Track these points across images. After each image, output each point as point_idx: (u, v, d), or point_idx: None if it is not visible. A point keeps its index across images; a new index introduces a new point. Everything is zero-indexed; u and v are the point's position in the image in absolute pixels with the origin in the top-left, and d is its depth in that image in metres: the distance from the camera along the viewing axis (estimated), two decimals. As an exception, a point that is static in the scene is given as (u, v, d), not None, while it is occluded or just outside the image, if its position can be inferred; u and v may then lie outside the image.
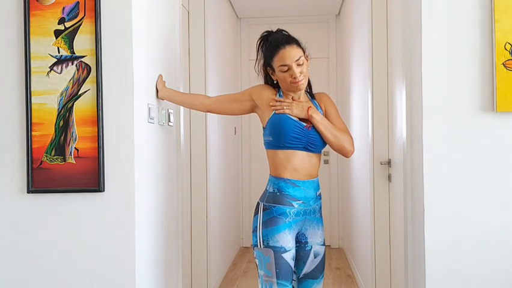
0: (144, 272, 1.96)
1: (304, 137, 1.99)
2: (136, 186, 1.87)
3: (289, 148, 1.99)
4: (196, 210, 3.58)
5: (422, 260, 1.84)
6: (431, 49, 1.82)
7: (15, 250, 1.89)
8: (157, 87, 2.13)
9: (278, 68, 2.00)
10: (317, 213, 2.08)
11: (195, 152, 3.55)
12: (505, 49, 1.77)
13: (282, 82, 2.03)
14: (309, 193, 2.02)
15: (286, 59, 1.98)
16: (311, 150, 2.01)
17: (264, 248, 1.98)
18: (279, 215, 1.98)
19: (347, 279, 4.27)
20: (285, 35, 2.06)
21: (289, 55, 1.98)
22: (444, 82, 1.82)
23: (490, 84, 1.80)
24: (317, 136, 2.02)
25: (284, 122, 1.99)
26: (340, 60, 5.34)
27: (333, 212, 5.49)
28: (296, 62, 1.98)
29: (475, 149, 1.81)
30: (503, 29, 1.77)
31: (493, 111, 1.79)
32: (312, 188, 2.04)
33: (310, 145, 2.01)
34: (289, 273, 1.99)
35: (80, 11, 1.85)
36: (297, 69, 1.98)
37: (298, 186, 2.00)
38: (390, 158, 3.14)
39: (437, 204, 1.82)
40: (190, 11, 3.54)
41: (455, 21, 1.82)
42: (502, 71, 1.77)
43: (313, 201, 2.05)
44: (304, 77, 2.01)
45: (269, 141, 2.04)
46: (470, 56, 1.81)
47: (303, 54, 2.02)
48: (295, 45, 2.01)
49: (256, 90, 2.11)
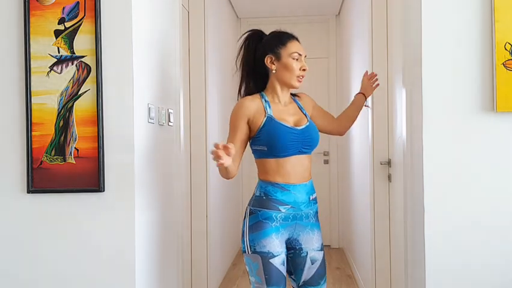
0: (144, 272, 1.96)
1: (298, 142, 1.94)
2: (136, 186, 1.87)
3: (283, 156, 1.93)
4: (196, 210, 3.58)
5: (422, 259, 1.84)
6: (431, 49, 1.82)
7: (15, 250, 1.89)
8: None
9: (291, 55, 1.98)
10: (311, 218, 2.02)
11: (194, 152, 3.55)
12: (505, 49, 1.77)
13: (286, 72, 1.98)
14: (299, 197, 1.96)
15: (301, 49, 2.01)
16: (304, 151, 1.98)
17: (251, 254, 1.93)
18: (264, 220, 1.93)
19: (347, 279, 4.27)
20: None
21: (301, 48, 2.02)
22: (444, 82, 1.82)
23: (490, 84, 1.80)
24: (312, 135, 2.00)
25: (279, 131, 1.92)
26: (340, 60, 5.34)
27: (333, 212, 5.49)
28: (305, 57, 2.02)
29: (475, 149, 1.81)
30: (503, 29, 1.77)
31: (493, 111, 1.79)
32: (304, 192, 1.98)
33: (305, 147, 1.97)
34: (280, 279, 1.93)
35: (80, 11, 1.85)
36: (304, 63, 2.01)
37: (288, 190, 1.94)
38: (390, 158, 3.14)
39: (437, 204, 1.81)
40: (190, 11, 3.54)
41: (455, 21, 1.82)
42: (502, 71, 1.77)
43: (304, 205, 1.98)
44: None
45: (262, 151, 1.96)
46: (470, 56, 1.81)
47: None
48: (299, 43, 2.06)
49: (244, 108, 1.97)
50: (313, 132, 2.03)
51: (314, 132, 2.04)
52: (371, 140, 3.23)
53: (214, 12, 3.99)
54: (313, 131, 2.03)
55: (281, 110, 2.00)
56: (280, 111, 2.00)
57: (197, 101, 3.54)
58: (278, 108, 2.00)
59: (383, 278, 3.22)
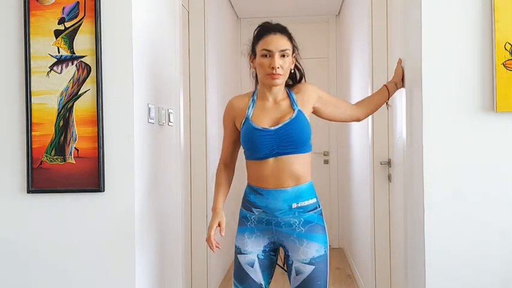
0: (144, 272, 1.96)
1: (271, 143, 1.83)
2: (136, 186, 1.87)
3: (259, 159, 1.86)
4: (196, 210, 3.58)
5: (422, 260, 1.84)
6: (431, 49, 1.82)
7: (15, 250, 1.89)
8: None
9: (260, 53, 1.85)
10: (298, 228, 1.86)
11: (194, 152, 3.55)
12: (505, 49, 1.76)
13: (259, 70, 1.88)
14: (273, 204, 1.85)
15: (271, 44, 1.83)
16: (285, 153, 1.84)
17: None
18: (242, 217, 1.96)
19: (347, 279, 4.27)
20: (280, 25, 1.91)
21: (276, 42, 1.84)
22: (444, 82, 1.82)
23: (490, 84, 1.79)
24: (290, 132, 1.84)
25: (249, 133, 1.87)
26: (340, 60, 5.34)
27: (333, 212, 5.49)
28: (281, 52, 1.84)
29: (475, 149, 1.81)
30: (503, 29, 1.76)
31: (493, 111, 1.79)
32: (281, 199, 1.85)
33: (281, 148, 1.83)
34: (243, 277, 1.90)
35: (80, 11, 1.85)
36: (278, 60, 1.83)
37: (261, 194, 1.87)
38: (390, 158, 3.14)
39: (437, 204, 1.81)
40: (190, 11, 3.54)
41: (455, 21, 1.82)
42: (502, 71, 1.76)
43: (281, 213, 1.85)
44: (283, 74, 1.86)
45: (245, 153, 1.94)
46: (470, 56, 1.81)
47: (292, 51, 1.89)
48: (286, 37, 1.88)
49: (230, 108, 1.98)
50: (292, 129, 1.84)
51: (295, 129, 1.85)
52: (371, 140, 3.23)
53: (214, 12, 3.99)
54: (294, 127, 1.85)
55: (265, 109, 1.90)
56: (263, 111, 1.90)
57: (197, 101, 3.54)
58: (263, 107, 1.91)
59: (383, 278, 3.23)
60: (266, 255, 1.93)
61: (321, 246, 1.88)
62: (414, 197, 1.97)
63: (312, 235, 1.88)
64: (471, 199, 1.81)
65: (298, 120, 1.87)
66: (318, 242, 1.88)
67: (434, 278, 1.81)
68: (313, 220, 1.89)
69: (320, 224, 1.91)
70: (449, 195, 1.81)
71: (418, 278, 1.91)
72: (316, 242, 1.88)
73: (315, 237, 1.88)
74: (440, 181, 1.81)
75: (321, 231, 1.90)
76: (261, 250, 1.92)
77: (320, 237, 1.89)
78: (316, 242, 1.88)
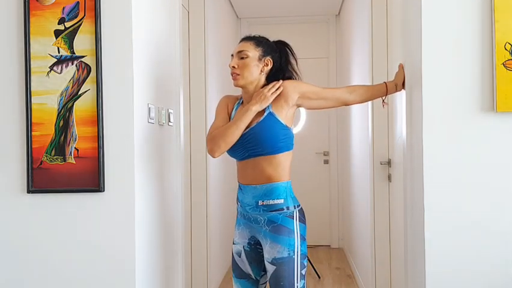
0: (144, 272, 1.96)
1: (240, 146, 1.92)
2: (136, 186, 1.87)
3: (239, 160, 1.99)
4: (196, 210, 3.58)
5: (422, 260, 1.84)
6: (431, 49, 1.82)
7: (15, 250, 1.89)
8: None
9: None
10: (264, 226, 1.91)
11: (194, 152, 3.55)
12: (505, 49, 1.76)
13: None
14: (246, 198, 1.96)
15: (234, 50, 2.00)
16: (257, 154, 1.90)
17: None
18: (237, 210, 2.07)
19: (347, 279, 4.27)
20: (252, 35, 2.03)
21: (238, 48, 1.99)
22: (444, 82, 1.82)
23: (490, 84, 1.79)
24: (252, 138, 1.90)
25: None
26: (340, 60, 5.34)
27: (333, 212, 5.49)
28: (238, 54, 1.97)
29: (475, 149, 1.81)
30: (503, 29, 1.76)
31: (493, 111, 1.79)
32: (251, 194, 1.93)
33: (250, 150, 1.91)
34: (235, 266, 2.06)
35: (80, 11, 1.85)
36: (235, 60, 1.97)
37: (241, 189, 2.00)
38: (390, 158, 3.14)
39: (437, 204, 1.81)
40: (190, 11, 3.54)
41: (455, 21, 1.82)
42: (502, 71, 1.76)
43: (250, 209, 1.94)
44: (241, 74, 1.95)
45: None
46: (470, 56, 1.81)
47: (258, 54, 1.95)
48: (252, 43, 1.97)
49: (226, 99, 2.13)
50: (259, 133, 1.89)
51: (261, 132, 1.89)
52: (371, 140, 3.23)
53: (214, 12, 3.99)
54: (260, 130, 1.89)
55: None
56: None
57: (197, 101, 3.55)
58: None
59: (383, 278, 3.23)
60: (252, 248, 2.01)
61: (283, 248, 1.87)
62: (414, 197, 1.97)
63: (274, 236, 1.89)
64: (471, 199, 1.81)
65: (266, 124, 1.90)
66: (280, 244, 1.88)
67: (434, 277, 1.81)
68: (276, 221, 1.90)
69: (286, 226, 1.90)
70: (449, 195, 1.81)
71: (418, 278, 1.91)
72: (278, 243, 1.88)
73: (277, 238, 1.88)
74: (440, 181, 1.81)
75: (285, 234, 1.88)
76: (246, 242, 2.02)
77: (283, 239, 1.88)
78: (278, 243, 1.88)
